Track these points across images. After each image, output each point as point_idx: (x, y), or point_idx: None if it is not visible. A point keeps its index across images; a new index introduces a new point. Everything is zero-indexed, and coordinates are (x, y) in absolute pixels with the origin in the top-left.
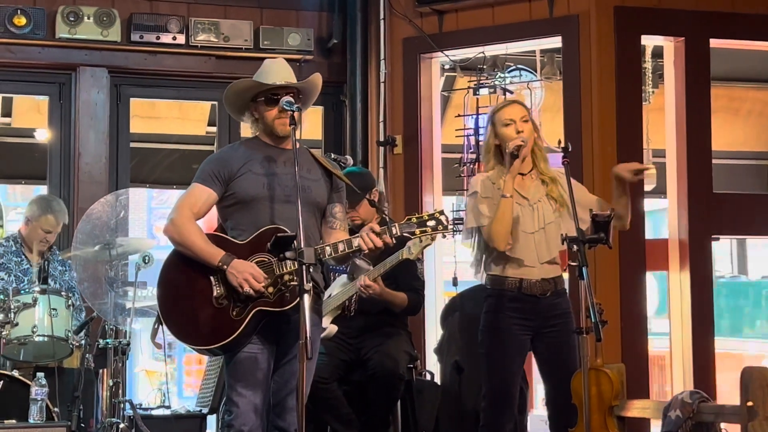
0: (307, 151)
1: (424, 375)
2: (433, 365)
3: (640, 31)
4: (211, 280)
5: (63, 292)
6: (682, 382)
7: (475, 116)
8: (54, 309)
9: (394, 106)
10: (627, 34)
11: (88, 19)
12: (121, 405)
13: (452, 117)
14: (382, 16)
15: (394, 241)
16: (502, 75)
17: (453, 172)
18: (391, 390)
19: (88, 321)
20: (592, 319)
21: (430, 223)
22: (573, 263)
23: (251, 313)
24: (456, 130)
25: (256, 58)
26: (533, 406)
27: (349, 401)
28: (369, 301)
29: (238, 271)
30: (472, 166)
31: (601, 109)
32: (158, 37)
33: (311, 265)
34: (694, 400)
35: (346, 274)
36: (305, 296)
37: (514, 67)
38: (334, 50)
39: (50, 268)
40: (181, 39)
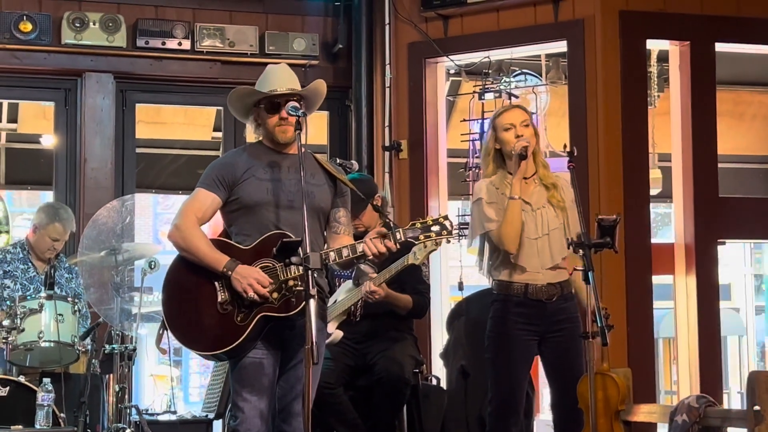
0: (312, 155)
1: (430, 380)
2: (439, 370)
3: (645, 36)
4: (216, 285)
5: (69, 298)
6: (689, 387)
7: (480, 121)
8: (60, 314)
9: (400, 111)
10: (632, 38)
11: (94, 24)
12: (128, 410)
13: (457, 121)
14: (387, 21)
15: (399, 246)
16: (508, 79)
17: (458, 176)
18: (397, 395)
19: (94, 326)
20: (599, 324)
21: (434, 228)
22: (579, 268)
23: (256, 318)
24: (461, 134)
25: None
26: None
27: (355, 406)
28: (374, 304)
29: (243, 277)
30: (477, 171)
31: (606, 114)
32: (164, 43)
33: (316, 270)
34: (701, 404)
35: (351, 279)
36: (311, 301)
37: (520, 72)
38: (340, 55)
39: (56, 275)
40: (187, 44)
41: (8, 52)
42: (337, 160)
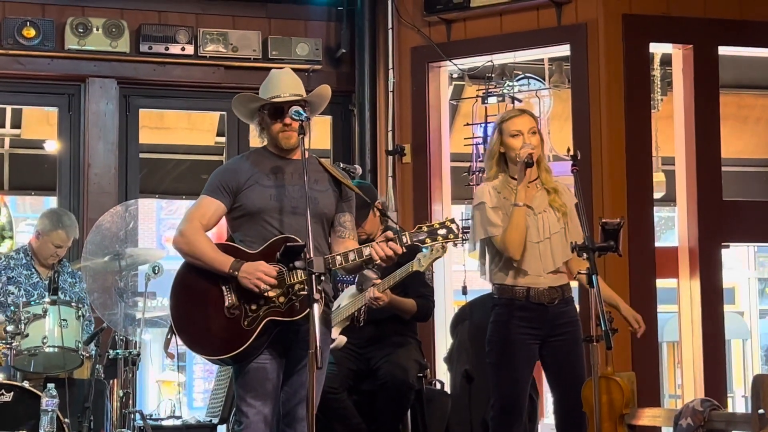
0: (316, 160)
1: (434, 384)
2: (442, 374)
3: (648, 39)
4: (223, 290)
5: (73, 303)
6: (693, 390)
7: (483, 125)
8: (64, 320)
9: (403, 115)
10: (635, 41)
11: (97, 30)
12: (132, 415)
13: (461, 126)
14: (390, 26)
15: (405, 250)
16: (511, 83)
17: (462, 180)
18: (401, 399)
19: (98, 332)
20: (603, 327)
21: (441, 232)
22: (583, 272)
23: (263, 322)
24: (464, 138)
25: (265, 68)
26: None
27: (359, 411)
28: (378, 309)
29: (249, 273)
30: (480, 175)
31: (609, 117)
32: (167, 48)
33: (321, 275)
34: (705, 408)
35: (354, 284)
36: (315, 306)
37: (523, 76)
38: (343, 60)
39: (60, 280)
40: (190, 49)
41: (12, 57)
42: (341, 165)
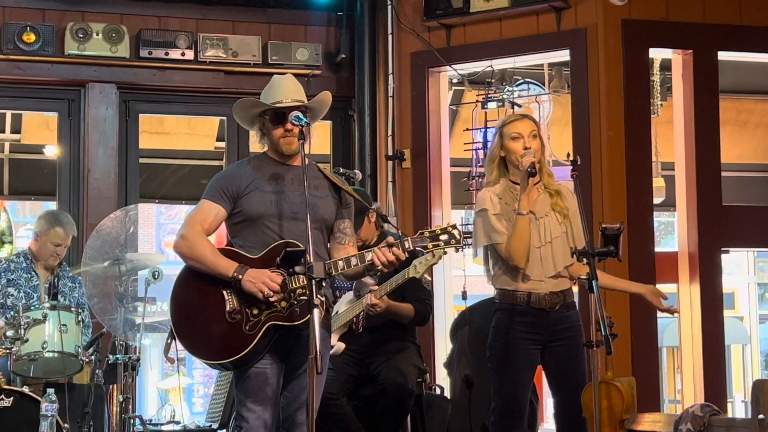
0: (316, 166)
1: (434, 389)
2: (442, 379)
3: (648, 44)
4: (224, 294)
5: (73, 308)
6: (693, 395)
7: (483, 130)
8: (64, 325)
9: (403, 121)
10: (635, 47)
11: (97, 35)
12: (131, 421)
13: (460, 131)
14: (390, 31)
15: (407, 255)
16: (510, 88)
17: (462, 185)
18: (401, 404)
19: (98, 337)
20: (603, 333)
21: (442, 237)
22: (583, 277)
23: (264, 327)
24: (464, 143)
25: (265, 74)
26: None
27: (359, 416)
28: (376, 315)
29: (255, 278)
30: (480, 180)
31: (609, 122)
32: (167, 53)
33: (322, 280)
34: (705, 413)
35: (352, 291)
36: (315, 311)
37: (522, 81)
38: (343, 65)
39: (60, 284)
40: (190, 54)
41: (12, 62)
42: (341, 170)
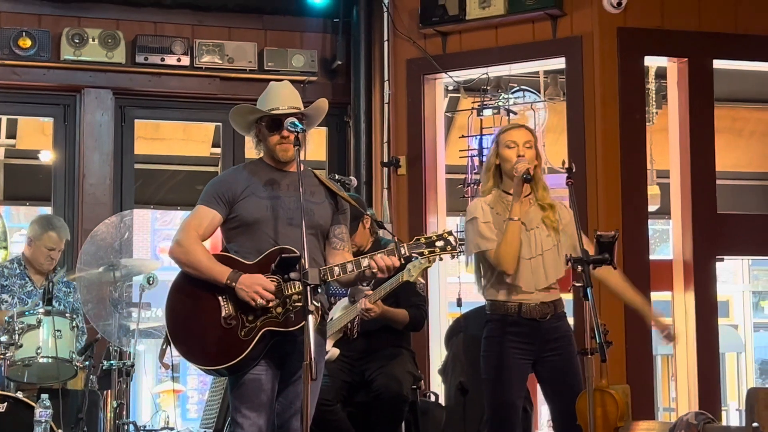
0: (312, 172)
1: (428, 396)
2: (437, 386)
3: (643, 52)
4: (220, 300)
5: (67, 314)
6: (688, 403)
7: (478, 137)
8: (58, 330)
9: (398, 127)
10: (630, 55)
11: (93, 41)
12: (125, 426)
13: (456, 138)
14: (385, 38)
15: (404, 261)
16: (506, 96)
17: (457, 192)
18: (396, 411)
19: (93, 342)
20: (597, 340)
21: (438, 244)
22: (578, 284)
23: (260, 333)
24: (460, 150)
25: (261, 80)
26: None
27: (353, 423)
28: (371, 321)
29: (248, 285)
30: (475, 187)
31: (604, 130)
32: (163, 59)
33: (317, 286)
34: (700, 421)
35: (347, 297)
36: (310, 317)
37: (518, 88)
38: (338, 71)
39: (55, 289)
40: (186, 60)
41: (7, 67)
42: (336, 177)
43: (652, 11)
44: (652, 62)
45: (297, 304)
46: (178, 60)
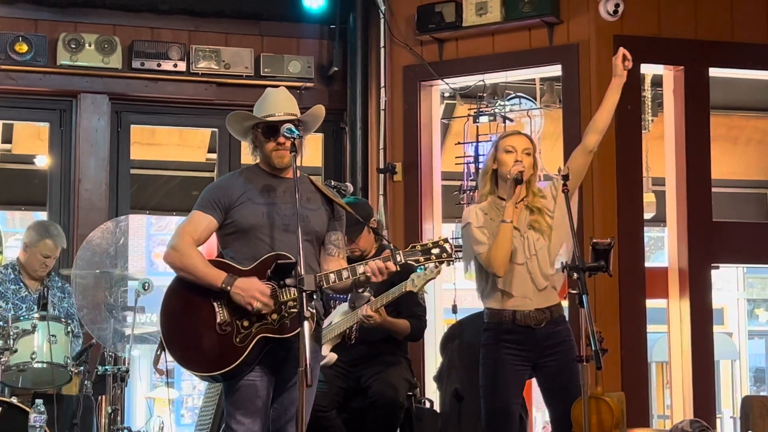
0: (308, 179)
1: (424, 403)
2: (432, 393)
3: (639, 60)
4: (215, 306)
5: (62, 319)
6: (682, 411)
7: (474, 144)
8: (53, 335)
9: (394, 134)
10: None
11: (90, 46)
12: None
13: (452, 144)
14: (382, 44)
15: (399, 268)
16: (502, 103)
17: (453, 199)
18: (391, 418)
19: (87, 347)
20: (593, 347)
21: (434, 251)
22: (573, 291)
23: (255, 339)
24: (456, 157)
25: (257, 86)
26: None
27: (349, 429)
28: (371, 329)
29: (244, 290)
30: (471, 194)
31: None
32: (159, 65)
33: (312, 293)
34: (694, 428)
35: (347, 302)
36: (305, 323)
37: (514, 95)
38: (335, 77)
39: (49, 294)
40: (182, 66)
41: (3, 72)
42: (332, 183)
43: (648, 19)
44: (649, 70)
45: (292, 311)
46: (175, 65)
